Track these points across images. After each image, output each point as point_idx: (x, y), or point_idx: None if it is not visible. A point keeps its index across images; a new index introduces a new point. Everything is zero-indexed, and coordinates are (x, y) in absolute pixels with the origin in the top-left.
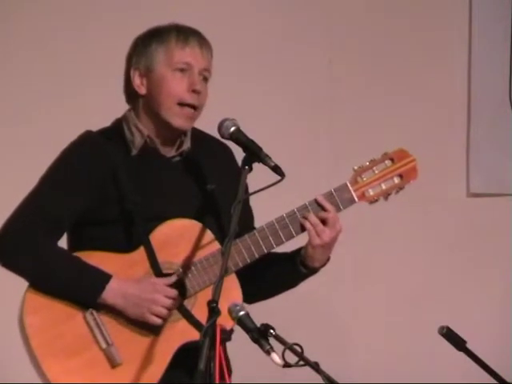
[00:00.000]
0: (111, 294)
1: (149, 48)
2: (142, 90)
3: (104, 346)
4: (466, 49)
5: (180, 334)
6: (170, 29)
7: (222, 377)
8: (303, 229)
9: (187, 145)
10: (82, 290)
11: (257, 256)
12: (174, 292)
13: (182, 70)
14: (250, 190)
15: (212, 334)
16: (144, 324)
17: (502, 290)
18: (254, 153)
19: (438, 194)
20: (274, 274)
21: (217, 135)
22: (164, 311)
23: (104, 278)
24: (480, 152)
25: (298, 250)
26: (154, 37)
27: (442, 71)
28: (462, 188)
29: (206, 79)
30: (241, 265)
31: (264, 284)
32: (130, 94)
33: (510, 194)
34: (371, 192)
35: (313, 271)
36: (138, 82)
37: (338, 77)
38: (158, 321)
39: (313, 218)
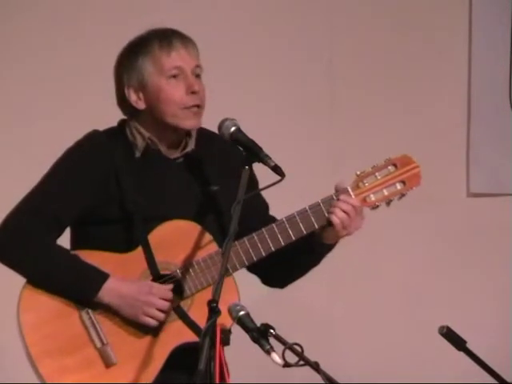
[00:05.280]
0: (107, 293)
1: (136, 63)
2: (141, 105)
3: (99, 345)
4: (466, 49)
5: (176, 334)
6: (149, 37)
7: (222, 377)
8: (302, 232)
9: (191, 146)
10: (78, 288)
11: (255, 259)
12: (169, 294)
13: (175, 76)
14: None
15: (212, 334)
16: (140, 324)
17: (501, 289)
18: (254, 153)
19: (438, 194)
20: (294, 260)
21: None
22: (158, 314)
23: (101, 276)
24: (480, 152)
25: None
26: (137, 50)
27: (442, 71)
28: (462, 188)
29: (198, 76)
30: (238, 267)
31: (288, 269)
32: (128, 109)
33: (510, 194)
34: (373, 197)
35: (332, 247)
36: (134, 98)
37: (338, 76)
38: (153, 322)
39: (340, 213)
